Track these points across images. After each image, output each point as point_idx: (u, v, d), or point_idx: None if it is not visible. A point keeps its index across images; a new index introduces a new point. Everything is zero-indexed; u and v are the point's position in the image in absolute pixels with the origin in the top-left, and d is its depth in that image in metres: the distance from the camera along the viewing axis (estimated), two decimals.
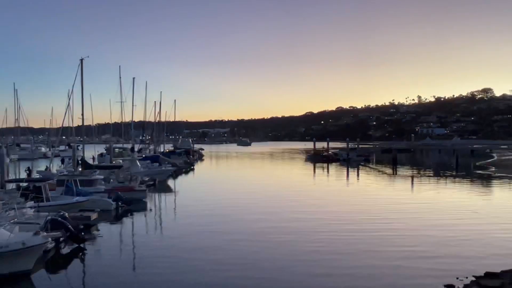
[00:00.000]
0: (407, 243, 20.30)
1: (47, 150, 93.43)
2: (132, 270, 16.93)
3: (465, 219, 26.18)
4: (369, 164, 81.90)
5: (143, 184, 37.44)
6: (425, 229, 23.37)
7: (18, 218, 19.29)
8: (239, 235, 22.23)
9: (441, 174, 60.87)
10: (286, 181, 53.98)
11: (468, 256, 17.74)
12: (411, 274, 15.62)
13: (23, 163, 68.17)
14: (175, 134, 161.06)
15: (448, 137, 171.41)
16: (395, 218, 26.75)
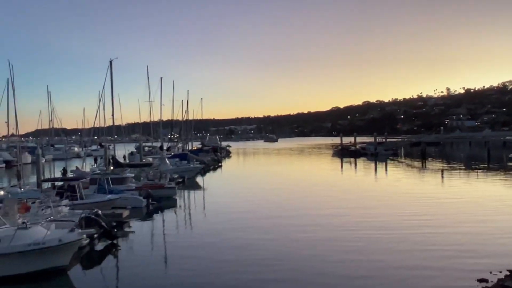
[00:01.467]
0: (441, 238, 19.85)
1: (80, 150, 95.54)
2: (163, 266, 17.16)
3: (499, 213, 25.38)
4: (397, 158, 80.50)
5: (172, 181, 37.82)
6: (459, 224, 22.79)
7: (54, 216, 19.87)
8: (269, 233, 21.88)
9: (473, 167, 59.21)
10: (314, 176, 53.54)
11: (503, 251, 17.19)
12: (445, 269, 15.28)
13: (58, 163, 70.06)
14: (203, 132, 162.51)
15: (478, 129, 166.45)
16: (426, 213, 26.13)
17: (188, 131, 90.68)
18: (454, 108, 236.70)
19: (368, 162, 71.59)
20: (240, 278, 14.96)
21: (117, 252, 19.26)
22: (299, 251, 18.29)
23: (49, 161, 73.96)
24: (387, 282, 14.17)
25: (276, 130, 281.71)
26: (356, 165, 67.36)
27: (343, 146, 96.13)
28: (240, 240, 20.21)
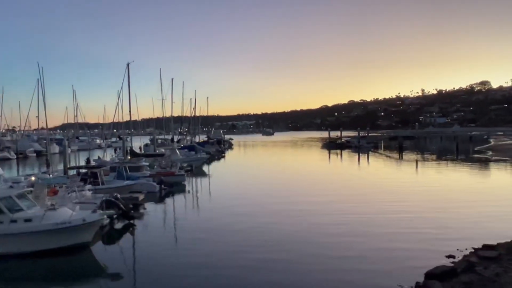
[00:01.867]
0: (416, 222, 19.90)
1: (101, 142, 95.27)
2: (174, 244, 17.26)
3: (465, 199, 25.52)
4: (377, 150, 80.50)
5: (182, 169, 37.78)
6: (431, 209, 22.83)
7: (79, 199, 19.91)
8: (267, 216, 21.87)
9: (443, 158, 59.29)
10: (306, 165, 53.56)
11: (469, 232, 17.24)
12: (419, 248, 15.37)
13: (82, 153, 69.93)
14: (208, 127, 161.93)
15: (449, 125, 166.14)
16: (403, 199, 26.23)
17: (195, 125, 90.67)
18: (428, 107, 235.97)
19: (352, 154, 71.62)
20: (242, 258, 14.68)
21: (133, 231, 19.27)
22: (294, 233, 18.11)
23: (74, 152, 73.79)
24: (369, 261, 14.21)
25: (273, 125, 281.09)
26: (342, 156, 67.41)
27: (331, 139, 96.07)
28: (242, 223, 19.98)
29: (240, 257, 14.71)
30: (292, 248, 15.56)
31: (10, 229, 15.08)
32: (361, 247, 15.44)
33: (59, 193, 21.00)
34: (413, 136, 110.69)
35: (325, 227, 18.74)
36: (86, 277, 13.94)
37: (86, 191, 22.50)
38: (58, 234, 15.35)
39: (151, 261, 14.46)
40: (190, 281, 12.38)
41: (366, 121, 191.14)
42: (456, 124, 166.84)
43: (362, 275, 12.54)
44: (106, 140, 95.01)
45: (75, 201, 18.88)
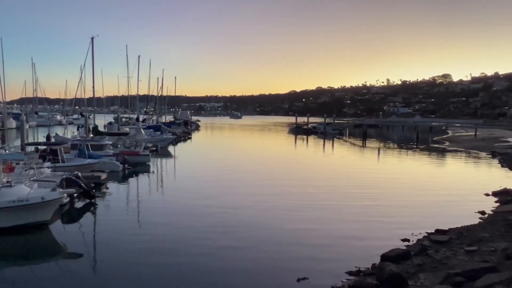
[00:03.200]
0: (373, 208, 20.68)
1: (62, 118, 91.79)
2: (136, 224, 17.09)
3: (422, 187, 26.66)
4: (342, 137, 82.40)
5: (146, 149, 37.18)
6: (389, 196, 23.77)
7: (37, 176, 19.19)
8: (230, 200, 22.23)
9: (404, 146, 61.57)
10: (272, 149, 54.11)
11: (424, 218, 18.09)
12: (372, 231, 16.04)
13: (41, 129, 67.14)
14: (175, 107, 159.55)
15: (411, 116, 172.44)
16: (363, 186, 27.12)
17: (162, 105, 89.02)
18: (392, 97, 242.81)
19: (317, 140, 72.94)
20: (202, 243, 14.54)
21: (95, 210, 18.93)
22: (255, 218, 18.21)
23: (33, 127, 70.79)
24: (328, 246, 14.69)
25: (241, 108, 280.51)
26: (308, 142, 68.52)
27: (297, 125, 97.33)
28: (205, 206, 19.87)
29: (200, 242, 14.67)
30: (252, 234, 15.61)
31: None
32: (320, 233, 15.90)
33: (15, 170, 20.15)
34: (377, 124, 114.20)
35: (286, 213, 18.96)
36: (44, 256, 13.59)
37: (45, 168, 21.72)
38: (15, 212, 14.82)
39: (112, 242, 14.28)
40: (149, 262, 12.34)
41: (333, 108, 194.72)
42: (417, 114, 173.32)
43: (321, 259, 12.97)
44: (67, 116, 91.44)
45: (33, 178, 18.18)
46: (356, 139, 77.45)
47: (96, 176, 24.29)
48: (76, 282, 10.97)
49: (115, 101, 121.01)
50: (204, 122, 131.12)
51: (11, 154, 26.38)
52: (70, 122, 72.33)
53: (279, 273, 11.65)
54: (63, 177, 19.58)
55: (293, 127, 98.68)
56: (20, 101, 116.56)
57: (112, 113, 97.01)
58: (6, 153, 28.01)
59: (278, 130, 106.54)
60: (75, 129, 55.95)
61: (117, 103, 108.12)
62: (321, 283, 10.86)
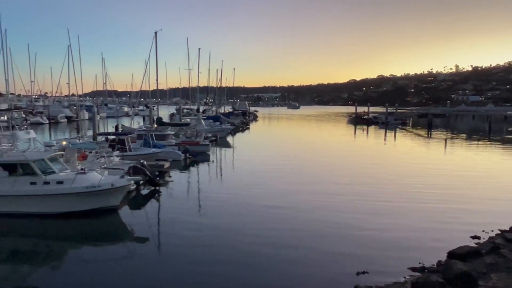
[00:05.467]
0: (441, 203, 19.59)
1: (128, 110, 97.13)
2: (197, 210, 17.70)
3: (495, 181, 24.77)
4: (405, 127, 78.68)
5: (206, 139, 38.20)
6: (459, 190, 22.41)
7: (107, 164, 20.50)
8: (286, 191, 22.25)
9: (474, 137, 57.40)
10: (330, 140, 53.11)
11: (497, 214, 16.87)
12: (438, 226, 15.20)
13: (110, 120, 71.58)
14: (234, 98, 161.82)
15: (482, 104, 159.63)
16: (428, 179, 25.76)
17: (221, 96, 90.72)
18: (461, 84, 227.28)
19: (378, 130, 70.30)
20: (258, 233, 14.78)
21: (158, 197, 19.84)
22: (314, 211, 18.15)
23: (103, 118, 75.42)
24: (392, 241, 14.19)
25: (298, 98, 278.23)
26: (368, 132, 66.32)
27: (357, 114, 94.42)
28: (263, 197, 20.13)
29: (257, 232, 14.85)
30: (311, 226, 15.57)
31: (43, 190, 15.82)
32: (382, 227, 15.39)
33: (88, 158, 21.72)
34: (443, 114, 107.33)
35: (345, 207, 18.58)
36: (113, 238, 14.56)
37: (114, 157, 23.14)
38: (88, 197, 15.99)
39: (175, 227, 14.95)
40: (210, 247, 12.74)
41: (395, 97, 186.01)
42: (490, 103, 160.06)
43: (383, 253, 12.55)
44: (133, 108, 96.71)
45: (104, 166, 19.45)
46: (420, 129, 73.59)
47: (160, 164, 25.40)
48: (142, 263, 11.63)
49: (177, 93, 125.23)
50: (262, 112, 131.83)
51: (84, 144, 28.47)
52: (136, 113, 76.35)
53: (338, 265, 11.46)
54: (130, 165, 20.74)
55: (352, 117, 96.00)
56: (91, 94, 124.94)
57: (174, 105, 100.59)
58: (80, 142, 30.30)
59: (337, 120, 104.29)
60: (141, 120, 58.99)
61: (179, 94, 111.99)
62: (381, 278, 10.51)
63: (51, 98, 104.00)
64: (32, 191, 15.82)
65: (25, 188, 15.85)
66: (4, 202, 15.80)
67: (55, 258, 12.62)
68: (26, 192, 15.82)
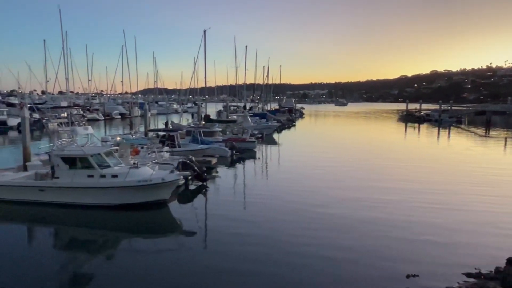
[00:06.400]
0: (501, 204, 18.45)
1: (178, 107, 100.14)
2: (243, 206, 17.90)
3: None
4: (461, 125, 74.65)
5: (253, 136, 38.52)
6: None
7: (158, 159, 21.27)
8: (333, 190, 21.97)
9: None
10: (379, 138, 51.60)
11: None
12: (498, 231, 14.32)
13: (160, 117, 74.17)
14: (280, 95, 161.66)
15: None
16: (485, 183, 24.30)
17: (267, 93, 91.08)
18: None
19: (431, 128, 67.27)
20: (304, 233, 14.75)
21: (206, 192, 20.29)
22: (364, 216, 17.71)
23: (153, 115, 78.50)
24: (447, 248, 13.58)
25: (346, 95, 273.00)
26: (420, 130, 63.66)
27: (408, 112, 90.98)
28: (310, 196, 20.05)
29: (303, 231, 14.78)
30: (360, 226, 15.24)
31: (99, 183, 16.73)
32: (436, 230, 14.75)
33: (140, 153, 22.66)
34: (503, 111, 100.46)
35: (396, 208, 17.98)
36: (163, 231, 15.10)
37: (164, 152, 23.95)
38: (140, 190, 16.70)
39: (221, 222, 15.22)
40: (255, 245, 12.84)
41: (450, 93, 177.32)
42: None
43: (436, 257, 12.03)
44: (182, 105, 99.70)
45: (155, 161, 20.19)
46: (477, 127, 69.51)
47: (207, 160, 25.97)
48: (190, 256, 11.97)
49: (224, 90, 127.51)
50: (308, 109, 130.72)
51: (137, 139, 29.75)
52: (184, 110, 78.78)
53: (387, 268, 11.11)
54: (180, 160, 21.40)
55: (403, 114, 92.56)
56: (143, 91, 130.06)
57: (221, 102, 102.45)
58: (133, 138, 31.70)
59: (386, 117, 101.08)
60: (190, 117, 60.63)
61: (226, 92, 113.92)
62: (432, 282, 10.09)
63: (106, 96, 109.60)
64: (90, 184, 16.79)
65: (83, 181, 16.85)
66: (65, 193, 16.91)
67: (109, 248, 13.32)
68: (84, 184, 16.81)
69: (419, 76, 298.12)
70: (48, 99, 76.46)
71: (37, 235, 14.89)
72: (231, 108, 71.31)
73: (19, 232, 14.97)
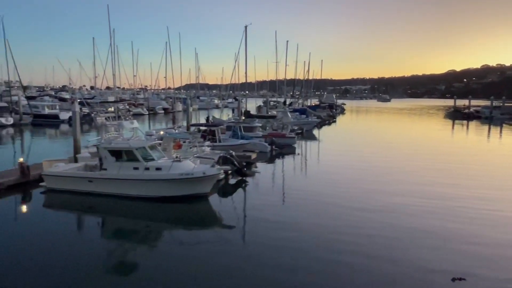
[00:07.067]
0: None
1: (218, 102, 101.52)
2: (281, 201, 17.95)
3: None
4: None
5: (292, 132, 38.38)
6: None
7: (199, 153, 21.71)
8: (374, 188, 21.41)
9: None
10: (422, 136, 49.71)
11: None
12: None
13: (201, 112, 75.53)
14: (321, 90, 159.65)
15: None
16: None
17: (308, 89, 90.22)
18: None
19: (481, 126, 63.85)
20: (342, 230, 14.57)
21: (245, 187, 20.48)
22: (399, 217, 17.20)
23: (195, 110, 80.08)
24: (497, 252, 12.92)
25: (389, 90, 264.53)
26: (468, 128, 60.64)
27: (456, 108, 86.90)
28: (347, 193, 19.87)
29: (341, 229, 14.61)
30: (403, 227, 14.87)
31: (144, 175, 17.35)
32: (485, 234, 14.09)
33: (182, 147, 23.21)
34: None
35: (442, 213, 17.30)
36: (203, 223, 15.44)
37: (205, 147, 24.41)
38: (182, 184, 17.14)
39: (260, 217, 15.32)
40: (293, 242, 12.81)
41: (503, 89, 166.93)
42: None
43: (485, 261, 11.50)
44: (223, 100, 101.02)
45: (196, 155, 20.61)
46: None
47: (247, 155, 26.17)
48: (228, 248, 12.16)
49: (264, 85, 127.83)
50: (349, 105, 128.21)
51: (179, 134, 30.50)
52: (225, 105, 79.79)
53: (432, 271, 10.70)
54: (220, 155, 21.73)
55: (450, 111, 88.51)
56: (185, 87, 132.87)
57: (261, 97, 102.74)
58: (175, 132, 32.52)
59: (432, 114, 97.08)
60: (230, 112, 61.32)
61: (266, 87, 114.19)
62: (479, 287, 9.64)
63: (150, 91, 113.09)
64: (134, 176, 17.45)
65: (128, 173, 17.54)
66: (112, 184, 17.68)
67: (152, 237, 13.80)
68: (129, 176, 17.48)
69: (468, 70, 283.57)
70: (96, 94, 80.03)
71: (86, 223, 15.71)
72: (271, 103, 71.31)
73: (70, 219, 15.87)
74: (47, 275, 10.18)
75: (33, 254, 11.52)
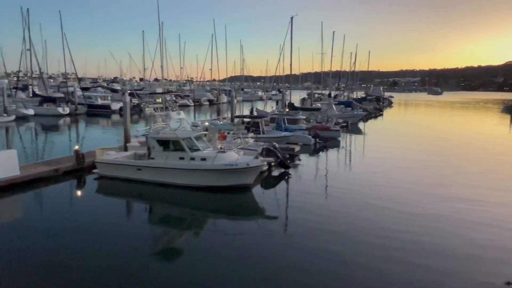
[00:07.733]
0: None
1: (262, 94, 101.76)
2: (324, 196, 17.76)
3: None
4: None
5: (337, 125, 37.77)
6: None
7: (243, 145, 21.94)
8: (423, 186, 20.65)
9: None
10: (476, 132, 47.07)
11: None
12: None
13: (245, 103, 76.09)
14: (367, 83, 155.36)
15: None
16: None
17: (354, 81, 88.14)
18: None
19: None
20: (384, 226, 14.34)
21: (288, 179, 20.46)
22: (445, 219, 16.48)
23: (239, 102, 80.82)
24: None
25: (441, 83, 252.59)
26: None
27: None
28: (392, 188, 19.41)
29: (383, 225, 14.25)
30: (453, 228, 14.28)
31: (189, 165, 17.82)
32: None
33: (227, 138, 23.57)
34: None
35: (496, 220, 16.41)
36: (246, 214, 15.63)
37: (249, 138, 24.62)
38: (226, 174, 17.44)
39: (302, 209, 15.28)
40: (334, 233, 12.70)
41: None
42: None
43: None
44: (267, 92, 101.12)
45: (240, 146, 20.87)
46: None
47: (290, 148, 26.12)
48: (270, 239, 12.25)
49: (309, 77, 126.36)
50: (397, 98, 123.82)
51: (224, 125, 30.95)
52: (269, 97, 79.80)
53: (485, 274, 10.22)
54: (264, 147, 21.84)
55: (508, 105, 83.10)
56: (230, 79, 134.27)
57: (305, 89, 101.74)
58: (220, 123, 33.03)
59: (488, 108, 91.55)
60: (274, 104, 61.26)
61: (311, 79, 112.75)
62: None
63: (196, 83, 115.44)
64: (181, 165, 17.97)
65: (175, 162, 18.09)
66: (159, 173, 18.33)
67: (196, 226, 14.18)
68: (176, 166, 18.03)
69: None
70: (145, 85, 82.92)
71: (135, 209, 16.43)
72: (315, 95, 70.44)
73: (120, 205, 16.68)
74: (97, 256, 10.79)
75: (86, 236, 12.24)
